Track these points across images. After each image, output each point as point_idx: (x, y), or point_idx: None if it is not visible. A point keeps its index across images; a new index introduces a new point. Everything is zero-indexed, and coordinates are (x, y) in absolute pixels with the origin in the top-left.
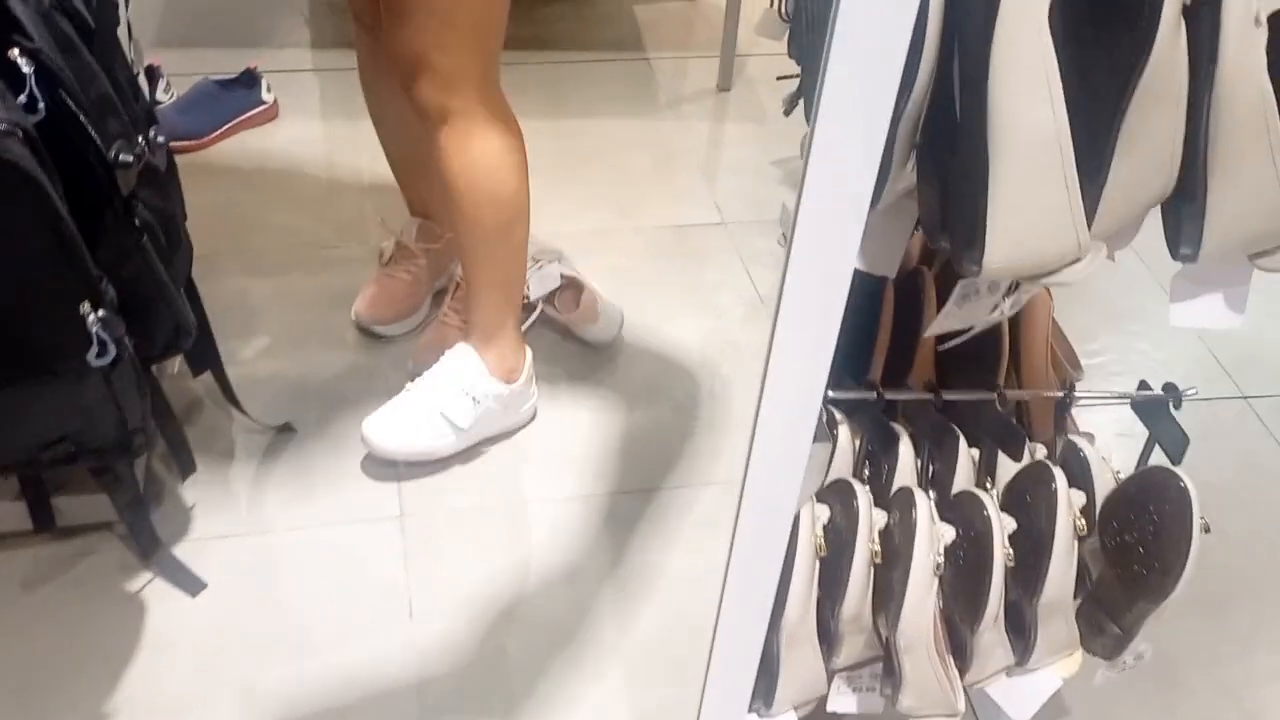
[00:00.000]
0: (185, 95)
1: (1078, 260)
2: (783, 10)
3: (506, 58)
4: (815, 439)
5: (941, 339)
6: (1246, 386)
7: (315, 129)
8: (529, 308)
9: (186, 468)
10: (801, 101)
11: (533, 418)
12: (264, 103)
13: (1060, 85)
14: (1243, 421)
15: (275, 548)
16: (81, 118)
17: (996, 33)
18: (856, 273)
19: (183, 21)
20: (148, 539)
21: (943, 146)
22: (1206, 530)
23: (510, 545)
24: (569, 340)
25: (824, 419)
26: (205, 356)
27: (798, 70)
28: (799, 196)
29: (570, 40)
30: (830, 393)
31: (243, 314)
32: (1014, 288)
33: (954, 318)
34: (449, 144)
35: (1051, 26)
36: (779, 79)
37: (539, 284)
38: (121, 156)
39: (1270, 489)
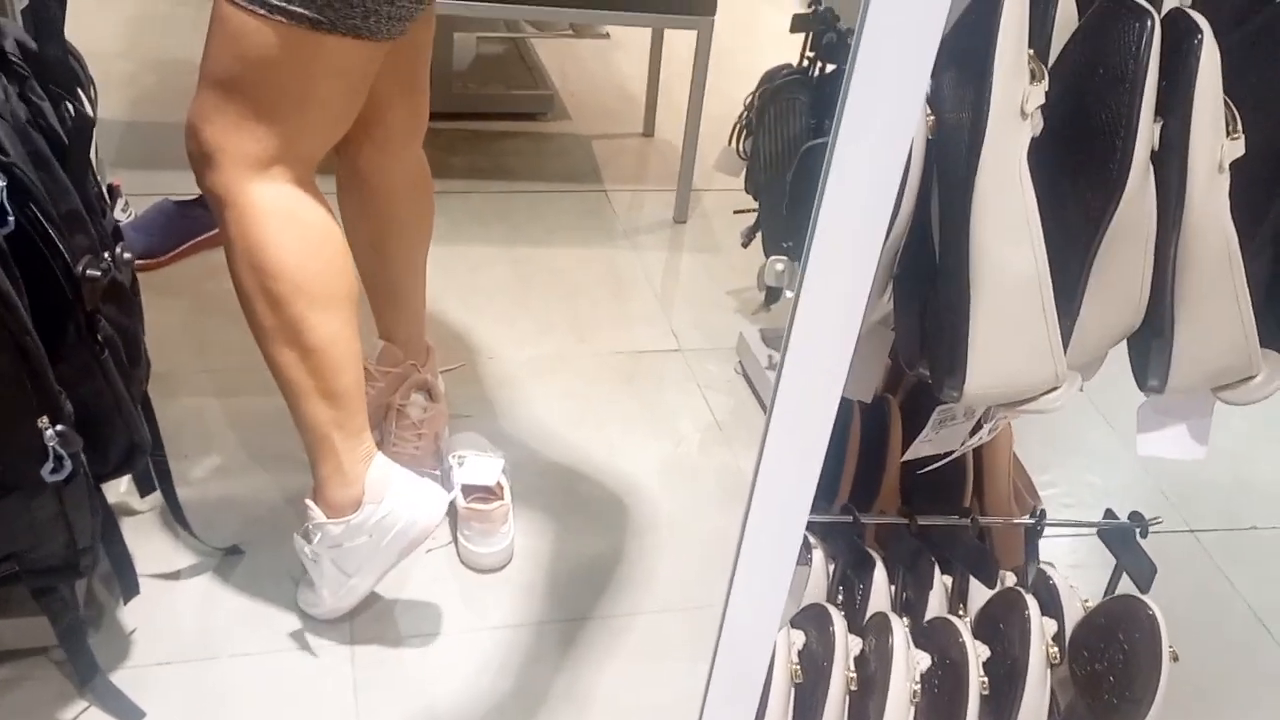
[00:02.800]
0: (144, 214)
1: (1054, 389)
2: (740, 148)
3: (463, 186)
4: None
5: (916, 464)
6: (1193, 520)
7: None
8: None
9: (129, 590)
10: (759, 234)
11: (432, 516)
12: None
13: (1040, 228)
14: (1191, 556)
15: (219, 676)
16: (52, 232)
17: (978, 180)
18: None
19: (144, 143)
20: (86, 665)
21: (920, 277)
22: (1175, 659)
23: (463, 674)
24: (522, 475)
25: (806, 554)
26: (155, 476)
27: (754, 205)
28: (789, 328)
29: (528, 172)
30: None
31: (196, 434)
32: (989, 414)
33: (931, 443)
34: (221, 233)
35: (1030, 167)
36: (735, 213)
37: (478, 472)
38: (89, 272)
39: (1221, 621)
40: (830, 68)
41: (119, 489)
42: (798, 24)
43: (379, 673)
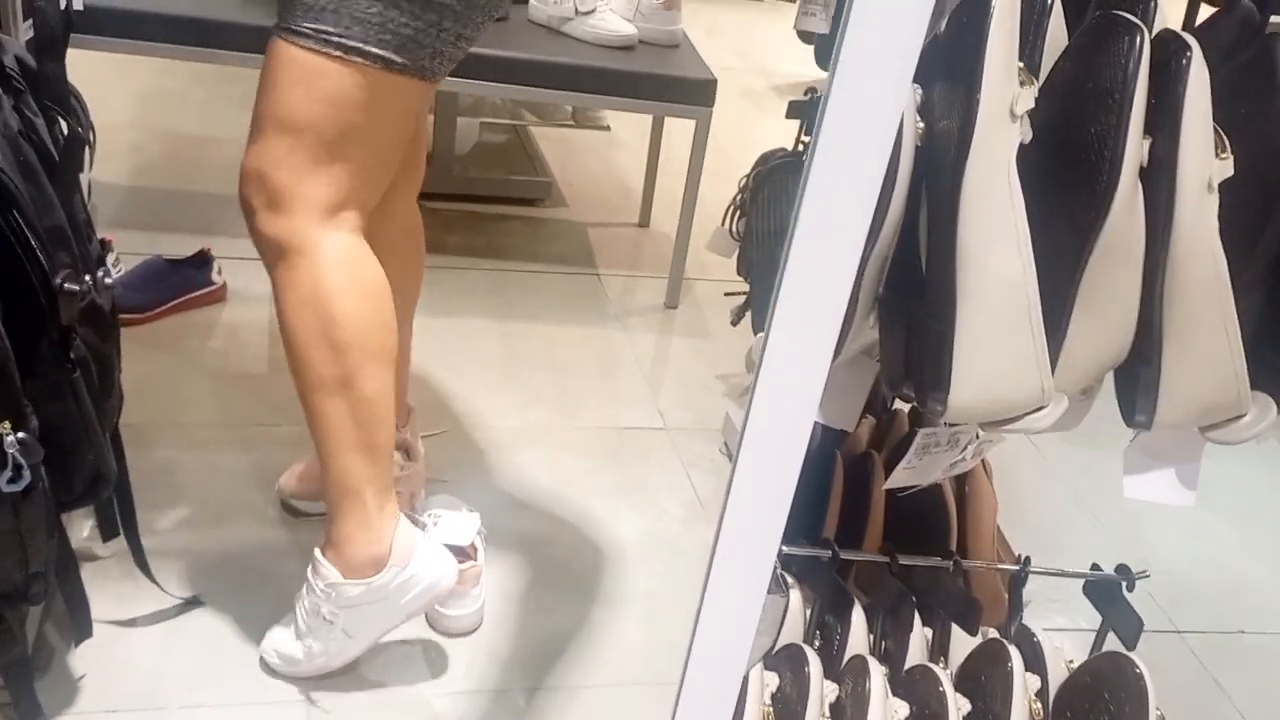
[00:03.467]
0: (134, 269)
1: (1040, 408)
2: (733, 229)
3: (457, 263)
4: (769, 592)
5: (899, 519)
6: (1180, 622)
7: (262, 313)
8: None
9: (82, 631)
10: (749, 314)
11: (450, 579)
12: (213, 284)
13: (1028, 233)
14: (1179, 657)
15: None
16: (33, 241)
17: (966, 180)
18: (809, 451)
19: (143, 207)
20: (29, 707)
21: (907, 294)
22: None
23: None
24: (502, 540)
25: (778, 579)
26: (120, 520)
27: (745, 287)
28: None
29: (523, 253)
30: (784, 548)
31: (166, 485)
32: (975, 438)
33: (913, 471)
34: (280, 282)
35: (1020, 177)
36: (727, 294)
37: (453, 531)
38: (67, 285)
39: None
40: None
41: (82, 533)
42: (793, 110)
43: None
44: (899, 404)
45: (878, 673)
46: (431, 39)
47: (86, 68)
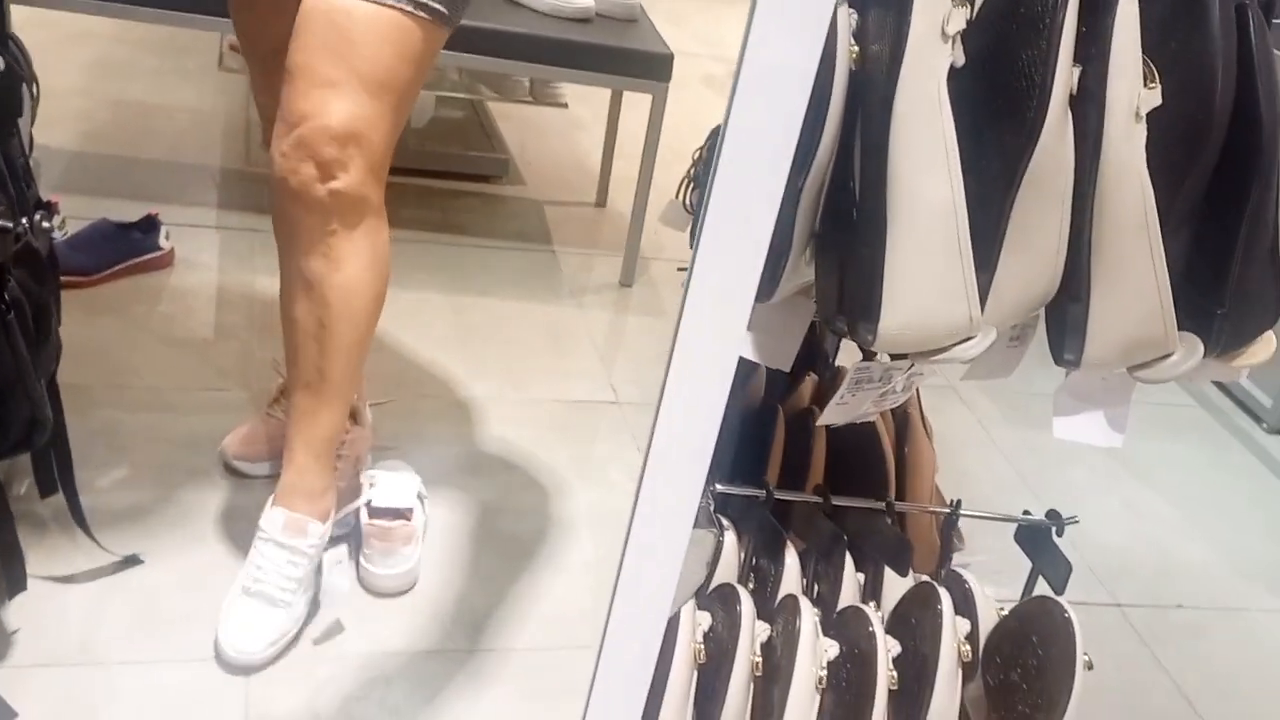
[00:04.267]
0: (80, 231)
1: (969, 338)
2: (686, 201)
3: (412, 237)
4: (699, 528)
5: (838, 473)
6: (1120, 596)
7: (210, 280)
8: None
9: (16, 585)
10: None
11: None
12: (160, 249)
13: (958, 158)
14: (1119, 630)
15: (103, 682)
16: None
17: (897, 102)
18: (751, 407)
19: (90, 172)
20: None
21: (841, 226)
22: (1090, 667)
23: (364, 696)
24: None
25: (711, 516)
26: (58, 476)
27: None
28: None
29: (478, 229)
30: (719, 487)
31: (108, 446)
32: (906, 371)
33: (846, 407)
34: (355, 244)
35: (953, 105)
36: (680, 269)
37: (389, 493)
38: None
39: (1147, 697)
40: None
41: (19, 489)
42: None
43: (272, 689)
44: (841, 361)
45: (808, 612)
46: None
47: (36, 34)
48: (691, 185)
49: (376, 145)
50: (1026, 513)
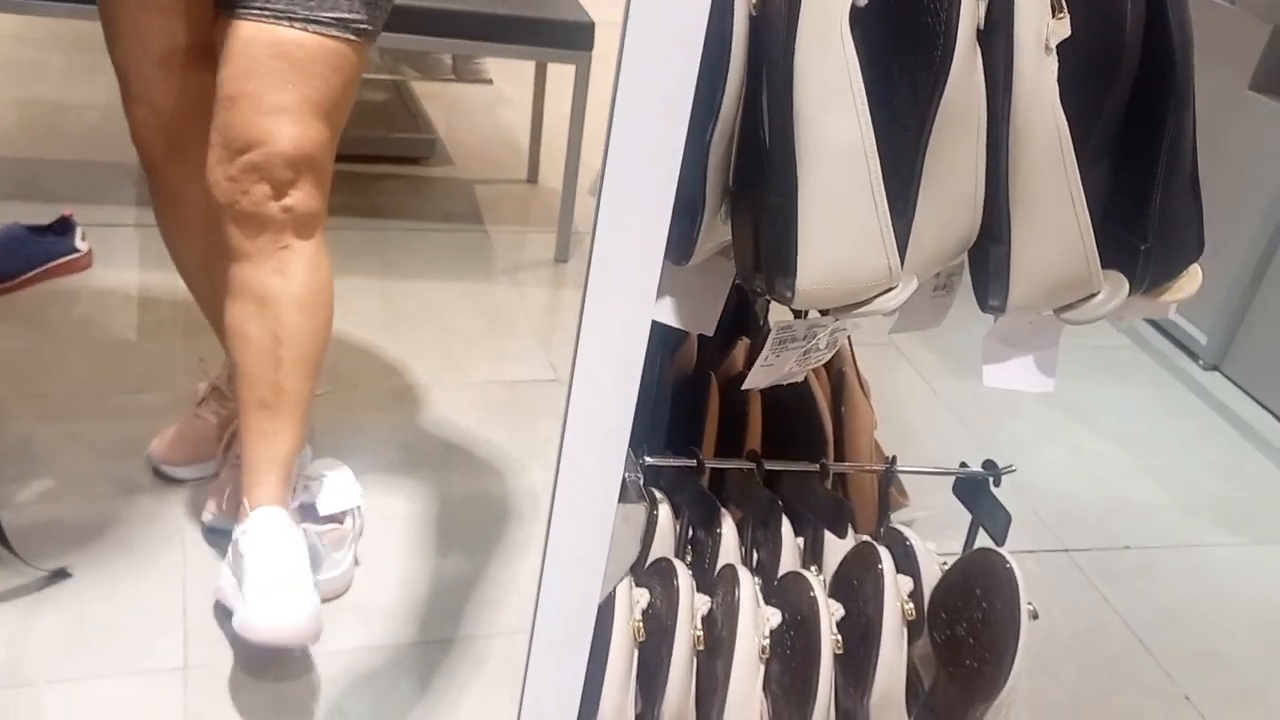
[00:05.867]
0: None
1: (890, 289)
2: None
3: (338, 223)
4: (629, 501)
5: (776, 436)
6: (1067, 541)
7: (129, 279)
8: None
9: None
10: None
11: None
12: (77, 251)
13: (865, 99)
14: (1066, 575)
15: (36, 703)
16: None
17: (798, 43)
18: (685, 374)
19: None
20: None
21: (754, 181)
22: (1035, 616)
23: (304, 699)
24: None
25: (641, 489)
26: None
27: None
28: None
29: (406, 211)
30: (649, 459)
31: (26, 458)
32: (829, 329)
33: (771, 368)
34: (308, 258)
35: (856, 44)
36: None
37: (335, 496)
38: None
39: (1099, 639)
40: None
41: None
42: None
43: (212, 702)
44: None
45: (747, 580)
46: (386, 4)
47: None
48: None
49: (325, 164)
50: (963, 464)
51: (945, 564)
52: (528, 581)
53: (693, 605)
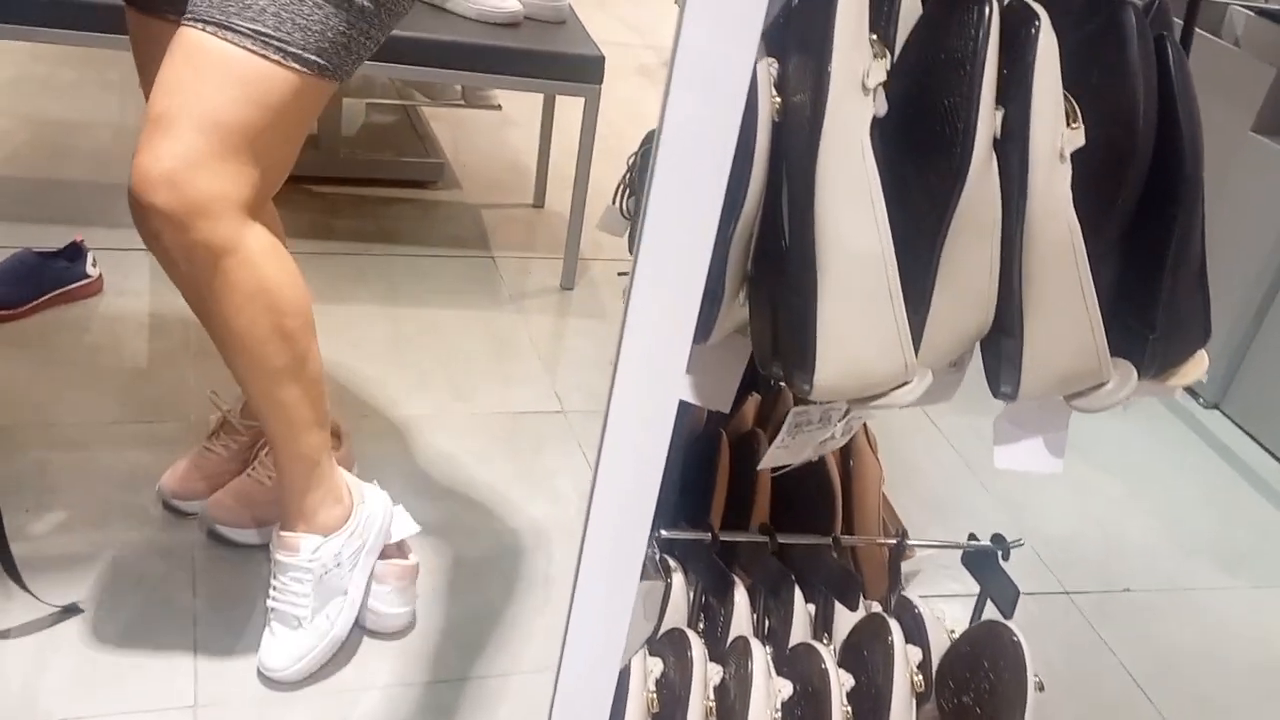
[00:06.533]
0: (2, 264)
1: (905, 384)
2: (624, 208)
3: (345, 248)
4: (647, 578)
5: (785, 498)
6: (1068, 583)
7: (141, 306)
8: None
9: None
10: None
11: (387, 519)
12: (88, 277)
13: (884, 205)
14: (1067, 617)
15: None
16: None
17: (821, 153)
18: (695, 431)
19: (9, 196)
20: None
21: (773, 273)
22: (1041, 688)
23: None
24: None
25: (657, 564)
26: None
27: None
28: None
29: (413, 236)
30: (664, 532)
31: (39, 489)
32: (844, 414)
33: (787, 449)
34: (215, 285)
35: (874, 151)
36: (620, 274)
37: (404, 523)
38: None
39: (1098, 683)
40: None
41: None
42: None
43: None
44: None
45: (760, 653)
46: (358, 45)
47: None
48: (628, 191)
49: (206, 187)
50: (973, 537)
51: (952, 633)
52: (531, 619)
53: (705, 675)
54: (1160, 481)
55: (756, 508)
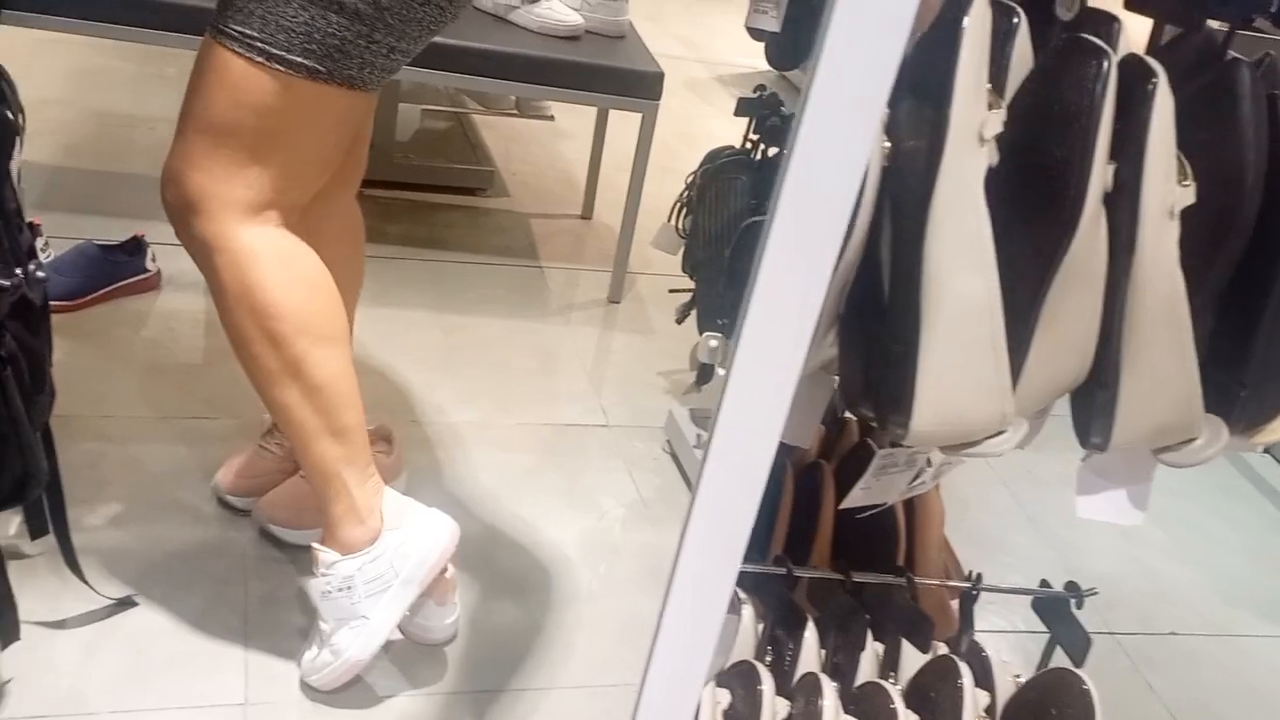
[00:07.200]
0: (64, 255)
1: (1001, 432)
2: (679, 226)
3: (397, 253)
4: (730, 612)
5: (848, 532)
6: (1114, 624)
7: (197, 303)
8: None
9: (9, 634)
10: (694, 312)
11: (450, 536)
12: (146, 271)
13: (993, 256)
14: (1112, 657)
15: None
16: None
17: (934, 203)
18: None
19: (72, 188)
20: None
21: (868, 314)
22: None
23: None
24: None
25: (731, 600)
26: (50, 518)
27: (689, 285)
28: (729, 367)
29: (463, 244)
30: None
31: (95, 481)
32: (927, 463)
33: (869, 491)
34: (210, 281)
35: (986, 197)
36: (671, 291)
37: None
38: None
39: None
40: (773, 151)
41: (8, 530)
42: (743, 108)
43: None
44: (848, 413)
45: (830, 691)
46: (360, 50)
47: (8, 43)
48: (684, 210)
49: (200, 186)
50: (1044, 583)
51: (1019, 678)
52: (572, 635)
53: (773, 711)
54: (1208, 525)
55: (819, 540)
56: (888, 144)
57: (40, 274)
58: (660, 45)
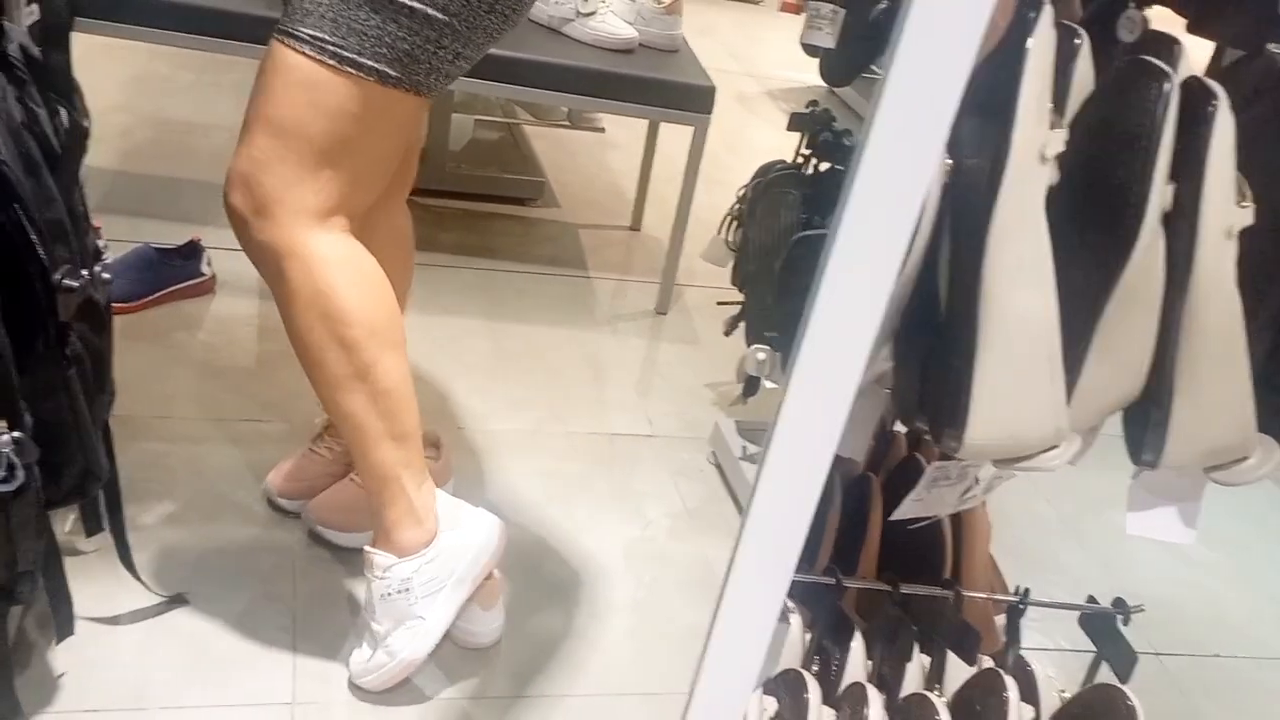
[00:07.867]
0: (122, 257)
1: (1054, 447)
2: (729, 239)
3: (449, 261)
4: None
5: (895, 546)
6: (1158, 645)
7: (252, 307)
8: None
9: (64, 629)
10: (743, 324)
11: (499, 536)
12: (202, 275)
13: (1052, 273)
14: (1157, 678)
15: None
16: (33, 236)
17: (995, 221)
18: None
19: (132, 192)
20: (8, 706)
21: (924, 329)
22: None
23: None
24: None
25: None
26: (107, 515)
27: (738, 297)
28: (786, 388)
29: (514, 253)
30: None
31: (151, 480)
32: (977, 478)
33: (921, 503)
34: (278, 288)
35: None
36: (719, 304)
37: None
38: (66, 281)
39: None
40: (824, 165)
41: (64, 528)
42: (795, 123)
43: None
44: (897, 425)
45: (876, 701)
46: (429, 55)
47: (73, 49)
48: (734, 224)
49: (271, 190)
50: (1091, 599)
51: (1063, 693)
52: (617, 642)
53: (819, 719)
54: (1258, 548)
55: (866, 551)
56: (949, 161)
57: (105, 276)
58: (712, 59)
